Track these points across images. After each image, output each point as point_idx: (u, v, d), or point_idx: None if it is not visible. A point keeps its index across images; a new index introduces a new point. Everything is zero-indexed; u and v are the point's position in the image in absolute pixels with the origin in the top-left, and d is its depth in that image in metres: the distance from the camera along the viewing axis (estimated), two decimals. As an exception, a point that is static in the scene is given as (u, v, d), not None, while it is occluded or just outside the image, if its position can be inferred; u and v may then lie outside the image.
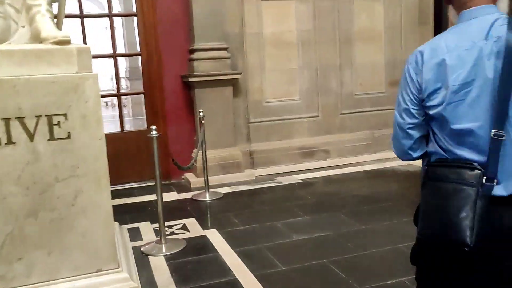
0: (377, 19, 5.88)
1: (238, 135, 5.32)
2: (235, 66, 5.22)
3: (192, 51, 5.05)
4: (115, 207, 4.27)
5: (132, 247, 3.28)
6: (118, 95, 5.50)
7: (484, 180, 1.21)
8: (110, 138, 5.24)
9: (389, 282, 2.61)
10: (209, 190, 4.57)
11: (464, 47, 1.26)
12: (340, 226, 3.58)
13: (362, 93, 5.89)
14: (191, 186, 4.90)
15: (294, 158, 5.53)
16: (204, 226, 3.74)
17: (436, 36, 1.36)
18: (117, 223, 3.35)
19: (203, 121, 4.48)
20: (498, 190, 1.23)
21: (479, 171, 1.21)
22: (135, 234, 3.60)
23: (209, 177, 4.62)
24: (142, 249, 3.28)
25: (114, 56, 5.23)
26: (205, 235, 3.53)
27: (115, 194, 4.76)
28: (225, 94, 5.11)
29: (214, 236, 3.50)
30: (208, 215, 4.11)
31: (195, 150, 4.68)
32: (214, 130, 5.02)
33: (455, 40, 1.29)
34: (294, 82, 5.62)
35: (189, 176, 5.12)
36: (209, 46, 5.01)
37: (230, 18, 5.18)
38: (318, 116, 5.73)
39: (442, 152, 1.32)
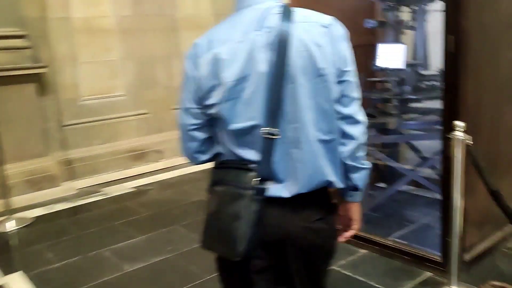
0: (203, 6, 5.52)
1: (50, 141, 4.44)
2: (38, 58, 4.32)
3: (-24, 39, 3.96)
4: None
5: None
6: None
7: (257, 182, 1.12)
8: None
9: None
10: (13, 215, 3.63)
11: (237, 39, 1.15)
12: (181, 244, 3.10)
13: (194, 85, 5.46)
14: (-12, 213, 3.85)
15: (122, 163, 4.88)
16: (5, 270, 2.87)
17: (215, 26, 1.23)
18: None
19: (-4, 130, 3.52)
20: (280, 191, 1.15)
21: (255, 173, 1.13)
22: None
23: (12, 198, 3.69)
24: None
25: None
26: (5, 284, 2.69)
27: None
28: (26, 92, 4.18)
29: (19, 283, 2.68)
30: (11, 252, 3.22)
31: (-10, 166, 3.67)
32: (16, 138, 4.07)
33: (228, 31, 1.18)
34: (116, 76, 4.94)
35: (-15, 199, 4.04)
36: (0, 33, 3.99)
37: (27, -2, 4.22)
38: (147, 113, 5.17)
39: (228, 153, 1.22)
